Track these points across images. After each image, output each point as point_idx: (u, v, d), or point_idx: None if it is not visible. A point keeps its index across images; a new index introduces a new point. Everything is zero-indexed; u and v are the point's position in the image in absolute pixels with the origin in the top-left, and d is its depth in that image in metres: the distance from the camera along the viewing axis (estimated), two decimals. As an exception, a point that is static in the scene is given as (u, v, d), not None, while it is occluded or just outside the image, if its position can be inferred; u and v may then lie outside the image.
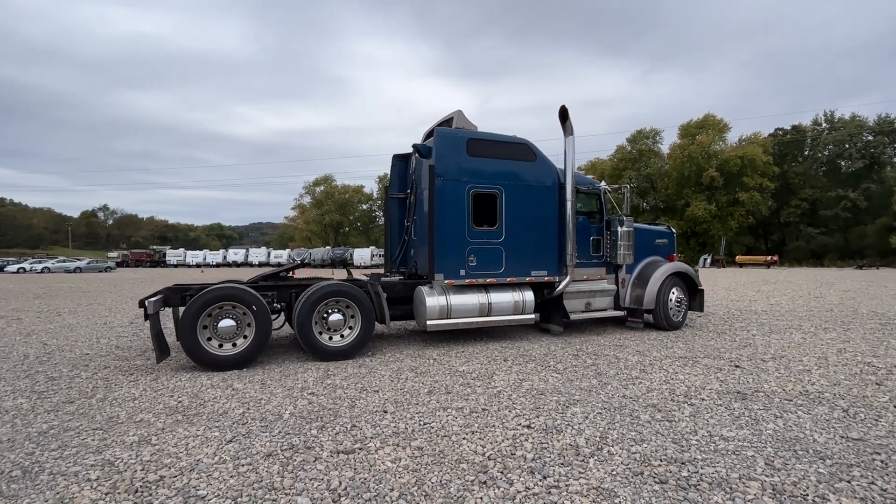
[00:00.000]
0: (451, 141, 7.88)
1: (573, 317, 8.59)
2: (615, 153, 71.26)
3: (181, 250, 76.09)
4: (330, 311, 7.01)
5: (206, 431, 4.13)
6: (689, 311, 9.71)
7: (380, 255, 66.57)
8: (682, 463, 3.48)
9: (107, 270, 51.10)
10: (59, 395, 5.24)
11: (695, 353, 7.11)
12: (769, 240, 66.52)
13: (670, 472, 3.35)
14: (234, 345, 6.41)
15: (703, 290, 9.63)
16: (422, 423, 4.30)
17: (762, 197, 59.51)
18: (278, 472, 3.35)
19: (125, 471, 3.40)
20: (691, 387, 5.39)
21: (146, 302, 6.33)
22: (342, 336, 7.03)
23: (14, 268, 48.11)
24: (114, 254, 76.10)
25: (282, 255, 66.85)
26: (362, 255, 64.44)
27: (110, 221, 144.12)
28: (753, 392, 5.20)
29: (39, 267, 48.90)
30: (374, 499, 3.01)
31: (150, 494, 3.07)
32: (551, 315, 8.82)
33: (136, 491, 3.11)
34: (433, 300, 7.56)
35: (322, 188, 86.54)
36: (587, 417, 4.40)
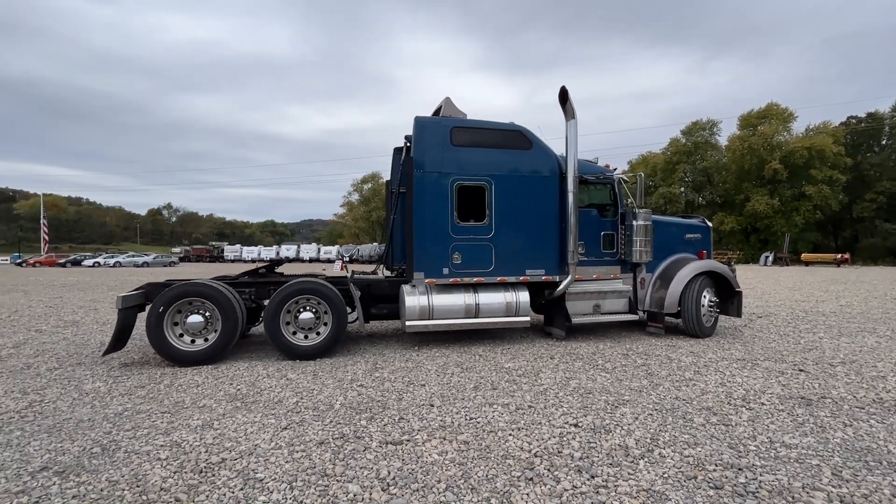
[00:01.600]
0: (432, 130, 7.40)
1: (576, 320, 7.77)
2: (668, 146, 68.51)
3: (237, 246, 79.71)
4: (301, 309, 6.85)
5: (263, 418, 4.34)
6: (725, 316, 8.85)
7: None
8: (740, 469, 3.34)
9: (171, 265, 54.37)
10: (131, 380, 5.66)
11: (754, 356, 6.77)
12: (839, 237, 61.91)
13: (726, 477, 3.23)
14: (206, 339, 6.49)
15: (740, 293, 8.43)
16: (468, 417, 4.34)
17: (832, 191, 55.46)
18: (330, 460, 3.49)
19: (190, 452, 3.64)
20: (750, 390, 5.14)
21: (119, 297, 6.39)
22: (318, 334, 6.83)
23: (90, 262, 52.12)
24: (177, 249, 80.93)
25: (331, 251, 68.70)
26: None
27: (173, 219, 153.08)
28: (820, 398, 4.90)
29: (112, 261, 52.72)
30: (422, 489, 3.07)
31: (213, 475, 3.28)
32: (554, 318, 8.23)
33: (201, 471, 3.33)
34: (413, 300, 7.19)
35: (370, 185, 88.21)
36: (637, 418, 4.30)
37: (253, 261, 68.77)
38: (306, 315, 6.82)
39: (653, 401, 4.79)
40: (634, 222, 7.96)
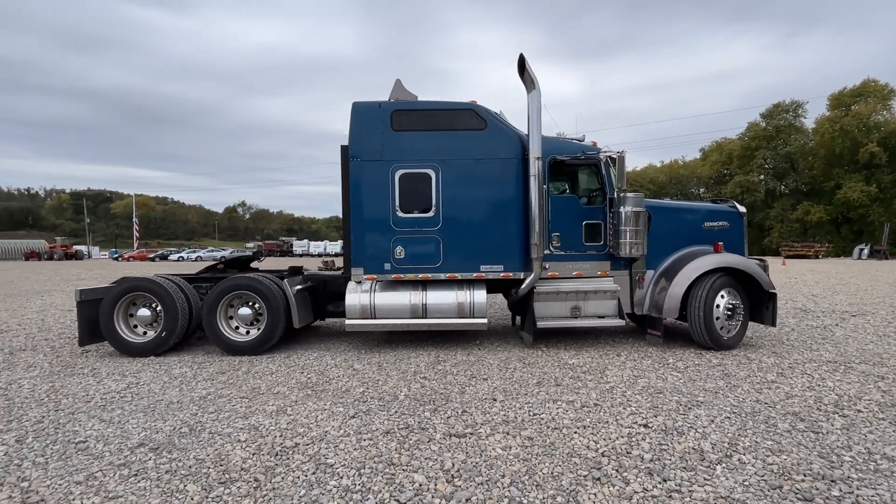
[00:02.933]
0: (369, 116, 6.89)
1: (543, 325, 6.75)
2: (746, 131, 63.85)
3: (305, 241, 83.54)
4: (242, 304, 6.87)
5: (332, 406, 4.53)
6: (756, 324, 7.16)
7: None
8: (832, 481, 3.07)
9: (245, 259, 57.96)
10: (213, 367, 6.09)
11: (848, 358, 6.18)
12: (951, 226, 55.11)
13: (816, 489, 2.97)
14: (145, 333, 6.82)
15: (774, 296, 6.71)
16: (531, 413, 4.29)
17: (941, 175, 49.39)
18: (396, 449, 3.57)
19: (267, 435, 3.86)
20: (843, 396, 4.70)
21: (77, 290, 6.83)
22: (257, 330, 6.79)
23: (175, 256, 56.68)
24: (251, 244, 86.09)
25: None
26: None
27: (247, 216, 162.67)
28: (928, 407, 4.40)
29: (194, 256, 57.01)
30: (486, 483, 3.08)
31: (288, 458, 3.46)
32: (526, 320, 7.20)
33: (277, 454, 3.52)
34: (353, 297, 6.83)
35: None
36: (713, 421, 4.06)
37: (320, 255, 71.52)
38: (244, 311, 6.86)
39: (730, 403, 4.50)
40: (622, 209, 6.66)
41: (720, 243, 7.12)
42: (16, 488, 3.09)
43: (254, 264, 9.00)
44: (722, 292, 6.66)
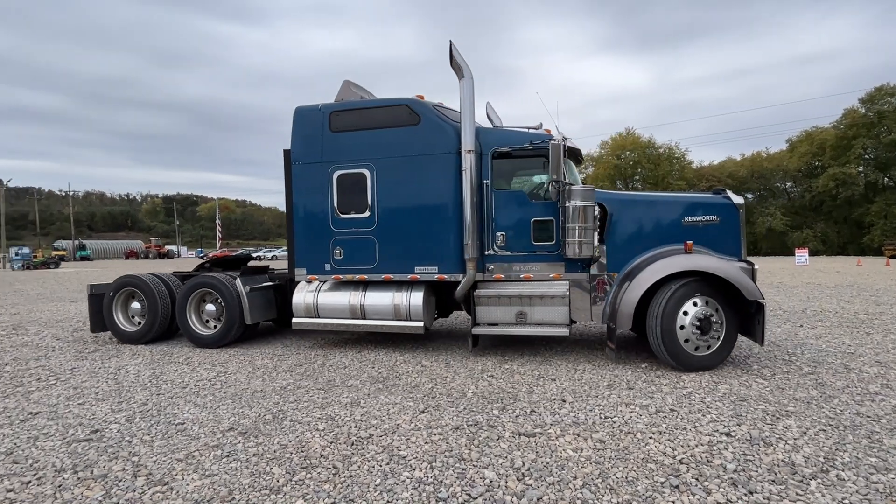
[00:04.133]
0: (308, 119, 6.94)
1: (477, 331, 6.34)
2: (842, 118, 58.01)
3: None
4: (205, 301, 7.43)
5: (403, 400, 4.66)
6: (743, 340, 6.11)
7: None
8: (952, 505, 2.75)
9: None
10: (291, 359, 6.46)
11: (969, 370, 5.49)
12: None
13: (932, 513, 2.68)
14: (140, 323, 7.71)
15: (762, 307, 5.42)
16: (603, 416, 4.19)
17: None
18: (466, 445, 3.63)
19: (343, 426, 4.05)
20: (964, 412, 4.19)
21: (88, 285, 7.92)
22: (215, 326, 7.36)
23: (255, 255, 60.63)
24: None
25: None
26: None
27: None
28: None
29: (270, 255, 60.69)
30: (558, 483, 3.05)
31: (363, 448, 3.61)
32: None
33: (353, 444, 3.69)
34: (299, 296, 7.02)
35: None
36: (805, 433, 3.76)
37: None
38: (210, 307, 7.42)
39: (825, 415, 4.15)
40: (568, 203, 5.91)
41: (690, 242, 5.91)
42: (128, 462, 3.46)
43: (258, 263, 9.38)
44: (691, 301, 5.57)
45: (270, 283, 7.75)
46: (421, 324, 6.53)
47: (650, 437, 3.72)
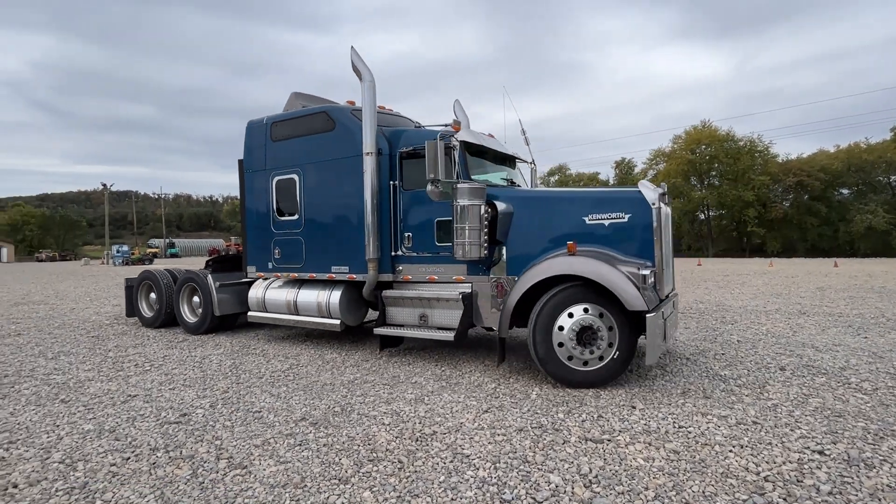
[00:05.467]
0: (256, 130, 7.67)
1: (379, 331, 6.32)
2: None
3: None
4: (195, 294, 8.37)
5: (466, 399, 4.67)
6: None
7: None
8: None
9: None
10: (358, 354, 6.67)
11: None
12: None
13: None
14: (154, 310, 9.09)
15: (652, 318, 4.65)
16: (676, 425, 3.97)
17: None
18: (530, 448, 3.57)
19: (408, 421, 4.12)
20: None
21: (126, 279, 9.69)
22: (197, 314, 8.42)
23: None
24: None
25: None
26: (597, 244, 62.33)
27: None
28: None
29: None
30: (628, 493, 2.92)
31: (427, 445, 3.66)
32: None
33: (417, 440, 3.75)
34: (253, 292, 7.72)
35: (556, 178, 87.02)
36: (916, 456, 3.36)
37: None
38: (195, 299, 8.42)
39: (941, 437, 3.68)
40: (455, 203, 5.58)
41: (572, 243, 5.25)
42: (211, 445, 3.72)
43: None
44: (571, 309, 5.02)
45: (243, 280, 8.21)
46: (338, 321, 6.79)
47: (730, 451, 3.48)
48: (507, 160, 7.11)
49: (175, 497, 2.97)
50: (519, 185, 7.00)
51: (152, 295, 9.22)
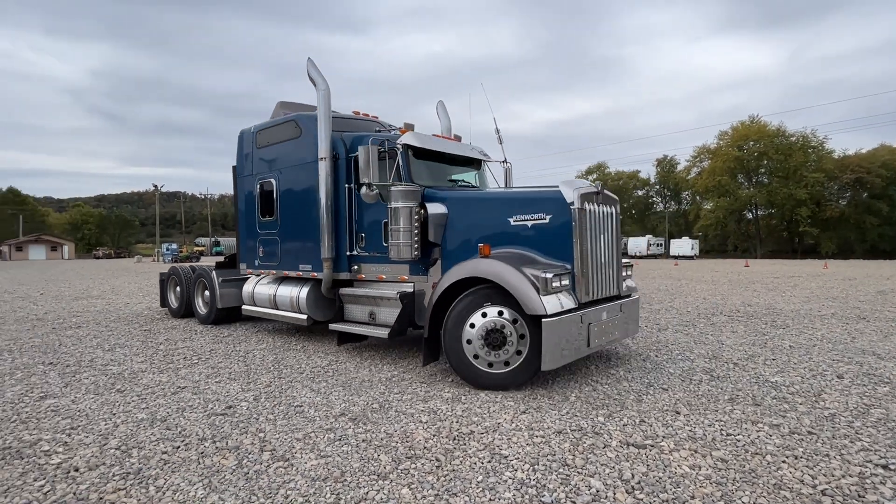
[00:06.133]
0: (245, 138, 8.34)
1: (332, 326, 6.67)
2: None
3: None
4: (205, 288, 9.21)
5: (503, 399, 4.64)
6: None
7: (657, 245, 61.69)
8: None
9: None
10: (395, 352, 6.74)
11: None
12: None
13: None
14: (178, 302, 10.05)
15: (548, 322, 4.53)
16: (724, 433, 3.81)
17: None
18: (569, 451, 3.50)
19: (445, 420, 4.12)
20: None
21: (160, 273, 10.73)
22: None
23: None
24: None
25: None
26: (637, 244, 60.87)
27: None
28: None
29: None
30: (672, 501, 2.83)
31: (465, 444, 3.65)
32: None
33: (454, 438, 3.74)
34: (246, 286, 8.31)
35: (595, 176, 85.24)
36: None
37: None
38: (206, 293, 9.32)
39: None
40: (388, 205, 5.81)
41: (487, 245, 5.26)
42: (255, 437, 3.83)
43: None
44: (487, 310, 4.95)
45: (242, 276, 8.84)
46: (304, 316, 7.15)
47: (783, 461, 3.31)
48: (473, 162, 7.30)
49: (222, 486, 3.07)
50: (478, 187, 7.16)
51: (178, 288, 10.06)
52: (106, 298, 14.14)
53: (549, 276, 4.67)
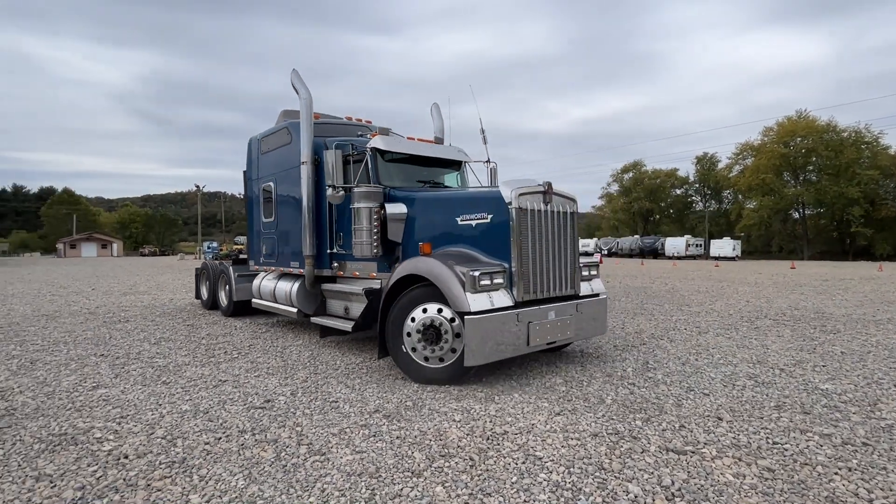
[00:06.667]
0: (253, 145, 9.04)
1: (313, 319, 7.21)
2: None
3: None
4: (226, 283, 9.92)
5: (537, 400, 4.59)
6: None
7: (696, 245, 59.73)
8: None
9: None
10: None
11: None
12: None
13: None
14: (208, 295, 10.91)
15: (470, 319, 4.66)
16: (770, 441, 3.65)
17: None
18: (606, 454, 3.43)
19: (478, 419, 4.11)
20: None
21: (195, 267, 11.57)
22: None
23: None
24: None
25: (589, 244, 67.91)
26: (675, 244, 59.11)
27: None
28: None
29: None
30: (716, 511, 2.73)
31: (498, 444, 3.62)
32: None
33: (488, 438, 3.73)
34: (255, 281, 8.92)
35: (630, 175, 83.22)
36: None
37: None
38: (226, 287, 10.07)
39: None
40: (352, 205, 6.21)
41: (428, 244, 5.54)
42: (293, 431, 3.92)
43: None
44: (421, 307, 5.15)
45: (253, 272, 9.45)
46: (294, 309, 7.51)
47: (835, 473, 3.15)
48: (452, 163, 7.59)
49: (261, 477, 3.16)
50: (451, 187, 7.27)
51: (207, 283, 10.96)
52: (152, 294, 14.77)
53: (477, 273, 4.79)
